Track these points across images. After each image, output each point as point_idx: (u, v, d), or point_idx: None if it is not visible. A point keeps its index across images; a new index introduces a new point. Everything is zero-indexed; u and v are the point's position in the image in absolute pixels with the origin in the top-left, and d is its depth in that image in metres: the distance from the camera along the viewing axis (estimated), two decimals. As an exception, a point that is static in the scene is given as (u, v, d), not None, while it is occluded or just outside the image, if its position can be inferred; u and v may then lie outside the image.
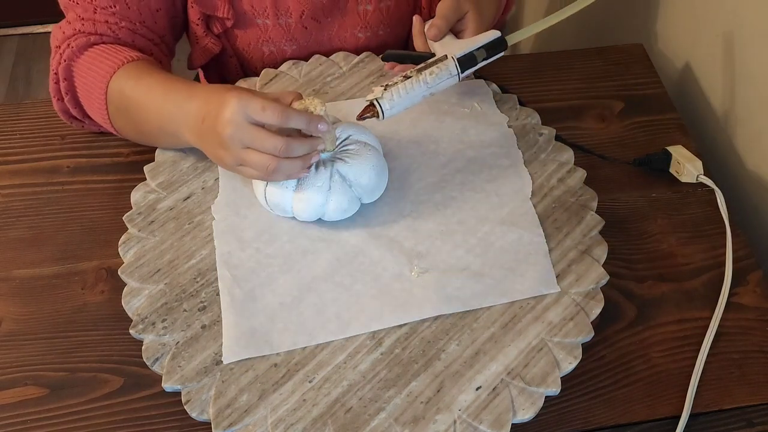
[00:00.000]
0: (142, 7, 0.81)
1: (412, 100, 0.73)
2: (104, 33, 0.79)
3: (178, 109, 0.72)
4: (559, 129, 0.85)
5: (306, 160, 0.68)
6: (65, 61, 0.78)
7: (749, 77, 0.87)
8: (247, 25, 0.88)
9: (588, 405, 0.66)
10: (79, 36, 0.79)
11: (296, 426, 0.62)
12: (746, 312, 0.73)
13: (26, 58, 2.08)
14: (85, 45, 0.78)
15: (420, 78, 0.73)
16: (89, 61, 0.78)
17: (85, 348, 0.69)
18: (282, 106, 0.66)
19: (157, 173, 0.79)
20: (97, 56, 0.78)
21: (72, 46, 0.78)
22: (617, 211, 0.80)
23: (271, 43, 0.90)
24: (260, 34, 0.89)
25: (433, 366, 0.66)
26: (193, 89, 0.72)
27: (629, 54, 0.97)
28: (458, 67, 0.74)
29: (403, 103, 0.73)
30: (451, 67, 0.74)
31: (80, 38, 0.78)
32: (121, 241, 0.74)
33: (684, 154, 0.82)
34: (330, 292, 0.70)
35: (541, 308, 0.69)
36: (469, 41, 0.76)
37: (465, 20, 0.79)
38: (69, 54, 0.78)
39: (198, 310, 0.69)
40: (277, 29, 0.89)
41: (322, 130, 0.68)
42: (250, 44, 0.90)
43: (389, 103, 0.72)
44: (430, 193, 0.77)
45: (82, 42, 0.78)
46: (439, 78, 0.74)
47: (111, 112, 0.78)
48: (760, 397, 0.68)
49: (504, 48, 0.77)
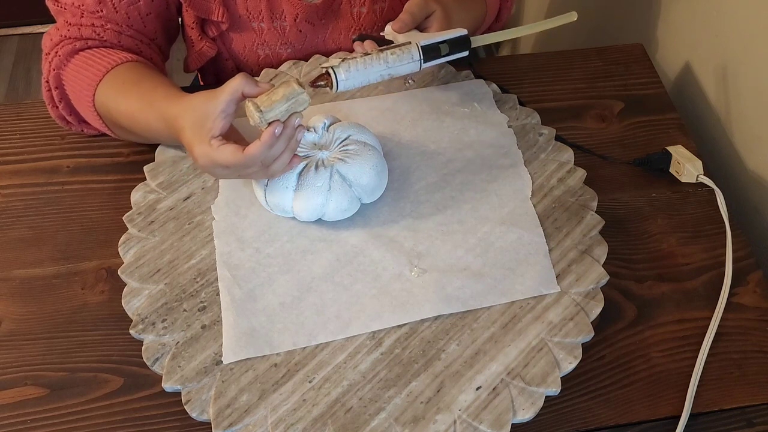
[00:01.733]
0: (131, 12, 0.80)
1: (369, 77, 0.71)
2: (89, 37, 0.79)
3: (162, 125, 0.72)
4: (559, 129, 0.85)
5: (292, 150, 0.68)
6: (54, 70, 0.78)
7: (749, 77, 0.87)
8: (242, 29, 0.88)
9: (588, 405, 0.66)
10: (65, 43, 0.78)
11: (296, 426, 0.62)
12: (746, 312, 0.73)
13: (26, 58, 2.08)
14: (71, 52, 0.78)
15: (381, 56, 0.71)
16: (75, 69, 0.78)
17: (85, 348, 0.69)
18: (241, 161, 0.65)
19: (157, 173, 0.79)
20: (83, 63, 0.77)
21: (59, 54, 0.78)
22: (617, 211, 0.80)
23: (266, 46, 0.90)
24: (255, 38, 0.89)
25: (433, 366, 0.66)
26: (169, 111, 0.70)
27: (629, 54, 0.97)
28: (421, 54, 0.73)
29: (359, 77, 0.70)
30: (414, 52, 0.72)
31: (66, 45, 0.78)
32: (121, 241, 0.74)
33: (684, 154, 0.82)
34: (330, 292, 0.70)
35: (541, 308, 0.69)
36: (434, 34, 0.75)
37: (431, 19, 0.78)
38: (57, 62, 0.78)
39: (198, 310, 0.69)
40: (272, 32, 0.89)
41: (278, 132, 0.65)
42: (245, 47, 0.90)
43: (345, 74, 0.70)
44: (430, 193, 0.77)
45: (68, 49, 0.78)
46: (401, 60, 0.72)
47: (104, 120, 0.78)
48: (760, 397, 0.67)
49: (468, 47, 0.76)
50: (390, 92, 0.87)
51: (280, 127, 0.65)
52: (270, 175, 0.69)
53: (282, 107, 0.65)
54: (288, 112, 0.66)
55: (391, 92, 0.87)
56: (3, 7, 2.09)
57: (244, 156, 0.65)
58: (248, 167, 0.66)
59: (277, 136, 0.65)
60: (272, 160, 0.67)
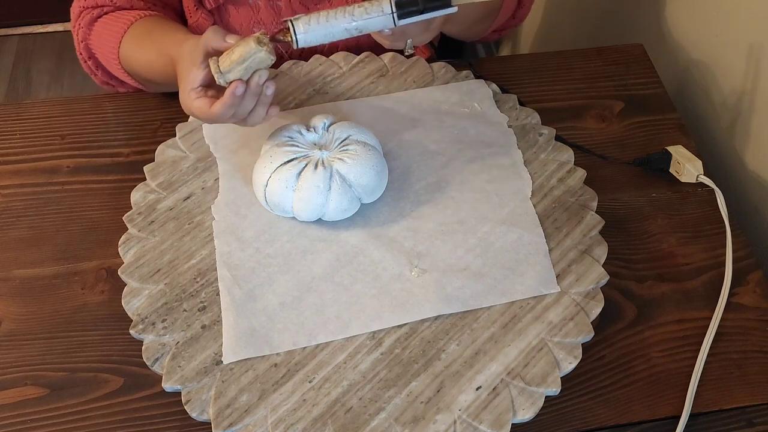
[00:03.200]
0: None
1: (332, 30, 0.65)
2: (104, 4, 0.85)
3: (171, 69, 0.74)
4: (559, 129, 0.85)
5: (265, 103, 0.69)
6: (81, 42, 0.86)
7: (749, 77, 0.87)
8: (238, 3, 0.89)
9: (588, 405, 0.66)
10: (84, 13, 0.85)
11: (296, 426, 0.62)
12: (746, 312, 0.73)
13: (26, 58, 2.08)
14: (90, 21, 0.84)
15: (346, 9, 0.65)
16: (98, 36, 0.85)
17: (85, 348, 0.69)
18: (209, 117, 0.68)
19: (157, 173, 0.79)
20: (102, 30, 0.84)
21: (81, 26, 0.85)
22: (617, 211, 0.80)
23: (262, 24, 0.91)
24: (252, 15, 0.90)
25: (433, 366, 0.66)
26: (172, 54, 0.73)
27: (629, 54, 0.97)
28: (393, 7, 0.65)
29: (320, 31, 0.65)
30: (385, 4, 0.65)
31: (85, 15, 0.85)
32: (121, 241, 0.74)
33: (684, 154, 0.82)
34: (330, 292, 0.70)
35: (541, 308, 0.69)
36: None
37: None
38: (82, 34, 0.85)
39: (198, 310, 0.69)
40: (267, 11, 0.90)
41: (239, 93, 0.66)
42: (242, 25, 0.91)
43: (304, 27, 0.65)
44: (430, 193, 0.77)
45: (88, 19, 0.84)
46: (368, 13, 0.65)
47: (133, 76, 0.85)
48: (760, 397, 0.68)
49: (448, 3, 0.66)
50: (390, 92, 0.87)
51: (242, 86, 0.65)
52: (250, 125, 0.71)
53: (240, 67, 0.64)
54: (249, 70, 0.65)
55: (391, 92, 0.87)
56: (3, 7, 2.09)
57: (211, 113, 0.67)
58: (218, 122, 0.69)
59: (239, 96, 0.66)
60: (244, 114, 0.68)
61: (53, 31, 2.12)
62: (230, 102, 0.66)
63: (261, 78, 0.66)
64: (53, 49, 2.09)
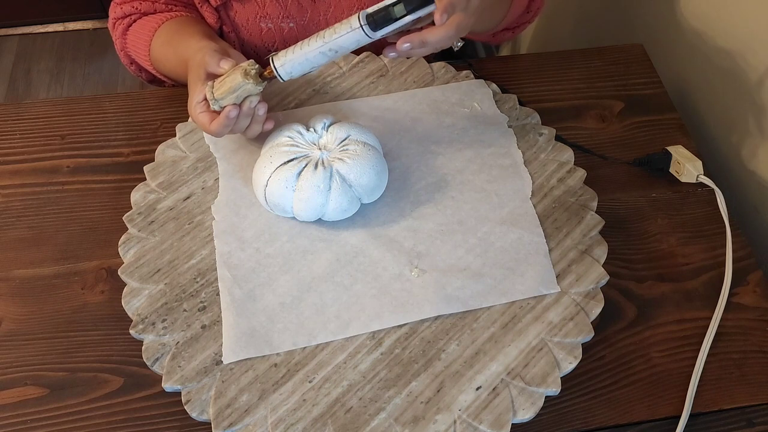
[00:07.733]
0: None
1: (309, 56, 0.68)
2: (130, 13, 0.90)
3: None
4: (559, 129, 0.85)
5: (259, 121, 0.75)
6: (121, 51, 0.93)
7: (749, 77, 0.87)
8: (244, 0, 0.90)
9: (588, 405, 0.66)
10: (117, 24, 0.91)
11: (296, 426, 0.62)
12: (746, 312, 0.73)
13: (26, 58, 2.08)
14: (123, 31, 0.91)
15: (318, 33, 0.68)
16: (132, 44, 0.91)
17: (85, 348, 0.69)
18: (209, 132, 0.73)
19: (157, 173, 0.79)
20: (133, 38, 0.90)
21: (118, 36, 0.92)
22: (617, 211, 0.80)
23: (268, 19, 0.91)
24: (257, 10, 0.90)
25: (433, 366, 0.66)
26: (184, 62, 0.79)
27: (629, 54, 0.97)
28: (362, 21, 0.65)
29: (298, 59, 0.68)
30: (353, 20, 0.66)
31: (118, 26, 0.91)
32: (121, 241, 0.74)
33: (684, 154, 0.82)
34: (330, 292, 0.70)
35: (541, 308, 0.69)
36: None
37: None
38: (120, 44, 0.92)
39: (198, 310, 0.69)
40: (273, 5, 0.90)
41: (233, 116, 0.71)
42: (248, 20, 0.91)
43: (282, 60, 0.69)
44: (430, 193, 0.77)
45: (121, 29, 0.91)
46: (338, 32, 0.66)
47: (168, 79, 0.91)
48: (760, 397, 0.68)
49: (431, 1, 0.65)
50: (390, 92, 0.87)
51: (235, 110, 0.71)
52: (249, 138, 0.78)
53: (231, 96, 0.71)
54: (240, 98, 0.71)
55: (391, 92, 0.87)
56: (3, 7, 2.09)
57: (210, 129, 0.73)
58: (217, 137, 0.76)
59: (233, 118, 0.72)
60: (241, 131, 0.75)
61: (53, 31, 2.12)
62: (225, 123, 0.72)
63: (252, 103, 0.72)
64: (53, 49, 2.09)
